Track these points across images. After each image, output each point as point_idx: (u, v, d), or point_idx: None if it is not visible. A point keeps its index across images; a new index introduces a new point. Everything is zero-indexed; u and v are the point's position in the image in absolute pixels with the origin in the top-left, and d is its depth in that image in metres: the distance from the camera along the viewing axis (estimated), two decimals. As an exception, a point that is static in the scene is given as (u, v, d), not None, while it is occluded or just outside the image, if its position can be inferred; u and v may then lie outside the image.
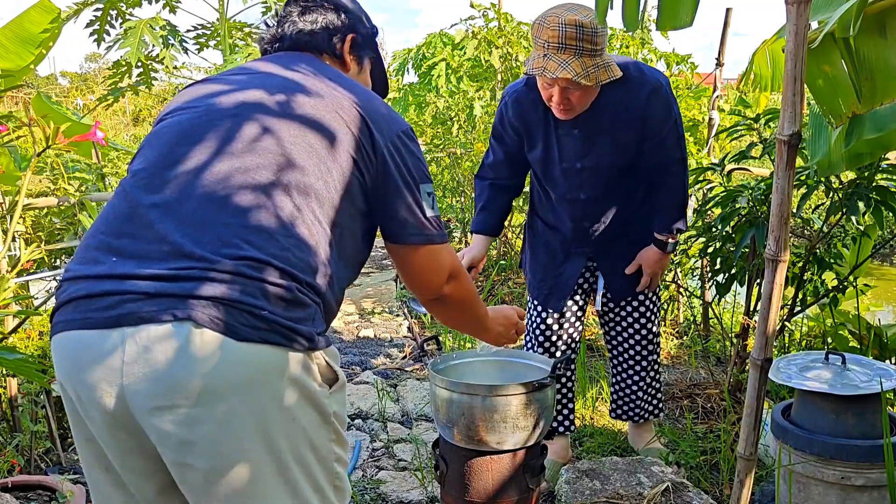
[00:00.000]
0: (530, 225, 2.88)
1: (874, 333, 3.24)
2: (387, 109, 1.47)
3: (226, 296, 1.16)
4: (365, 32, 1.67)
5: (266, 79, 1.44)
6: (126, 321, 1.16)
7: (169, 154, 1.32)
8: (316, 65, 1.52)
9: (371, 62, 1.72)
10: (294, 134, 1.33)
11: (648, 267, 2.75)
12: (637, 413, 2.96)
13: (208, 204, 1.25)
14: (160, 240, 1.22)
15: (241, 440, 1.18)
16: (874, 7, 1.91)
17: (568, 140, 2.51)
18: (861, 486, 2.05)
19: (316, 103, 1.38)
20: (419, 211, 1.44)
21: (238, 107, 1.36)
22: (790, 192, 1.57)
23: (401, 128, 1.45)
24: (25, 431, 2.86)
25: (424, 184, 1.46)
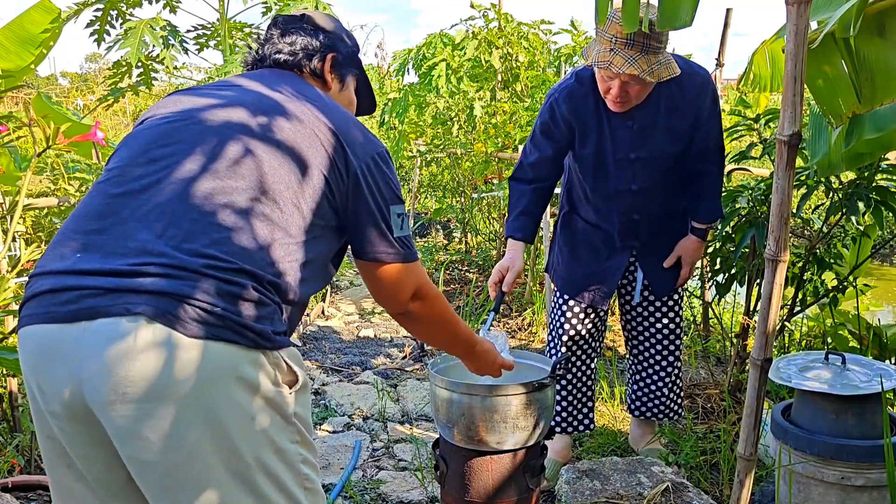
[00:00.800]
0: (566, 224, 2.85)
1: (874, 333, 3.24)
2: (363, 133, 1.51)
3: (179, 292, 1.18)
4: (346, 51, 1.72)
5: (250, 97, 1.47)
6: (84, 315, 1.18)
7: (144, 153, 1.36)
8: (298, 85, 1.56)
9: (355, 79, 1.78)
10: (273, 158, 1.37)
11: (690, 257, 2.76)
12: (661, 410, 2.94)
13: (176, 202, 1.28)
14: (124, 235, 1.25)
15: (192, 438, 1.19)
16: (874, 7, 1.91)
17: (622, 132, 2.53)
18: (861, 486, 2.05)
19: (294, 128, 1.42)
20: (387, 230, 1.49)
21: (223, 125, 1.39)
22: (790, 192, 1.57)
23: (375, 150, 1.50)
24: (25, 431, 2.86)
25: (395, 205, 1.51)
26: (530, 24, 6.11)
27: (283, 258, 1.33)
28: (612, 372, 3.95)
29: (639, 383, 2.97)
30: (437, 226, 8.80)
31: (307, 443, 1.37)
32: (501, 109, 5.84)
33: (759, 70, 3.31)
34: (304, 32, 1.68)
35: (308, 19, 1.72)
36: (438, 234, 8.74)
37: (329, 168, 1.42)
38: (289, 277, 1.34)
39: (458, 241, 7.41)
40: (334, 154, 1.43)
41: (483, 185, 6.57)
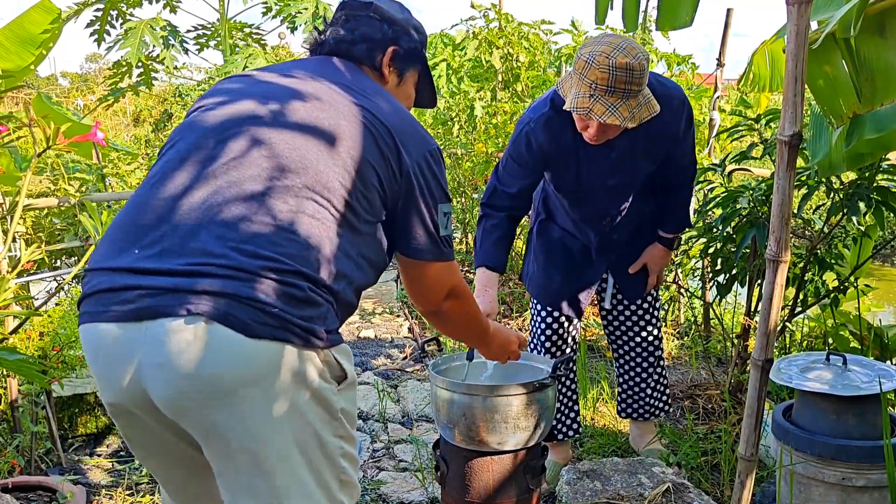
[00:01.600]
0: (542, 232, 2.83)
1: (875, 334, 3.23)
2: (416, 128, 1.49)
3: (239, 292, 1.21)
4: (409, 46, 1.66)
5: (259, 88, 1.46)
6: (144, 315, 1.22)
7: (196, 148, 1.38)
8: (349, 77, 1.53)
9: (417, 73, 1.72)
10: (328, 158, 1.36)
11: (656, 265, 2.78)
12: (647, 410, 2.96)
13: (232, 203, 1.29)
14: (182, 234, 1.26)
15: (249, 431, 1.24)
16: (874, 7, 1.91)
17: (601, 160, 2.47)
18: (862, 486, 2.05)
19: (313, 107, 1.40)
20: (434, 230, 1.49)
21: (228, 121, 1.40)
22: (791, 192, 1.57)
23: (428, 148, 1.48)
24: (26, 432, 2.86)
25: (443, 203, 1.51)
26: (531, 24, 6.10)
27: (337, 258, 1.34)
28: (612, 372, 3.95)
29: (623, 386, 2.99)
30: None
31: (349, 437, 1.40)
32: (502, 110, 5.84)
33: (759, 70, 3.31)
34: (370, 20, 1.62)
35: (375, 8, 1.64)
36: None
37: (382, 164, 1.41)
38: (342, 276, 1.35)
39: (459, 241, 7.40)
40: (388, 150, 1.42)
41: (483, 186, 6.57)
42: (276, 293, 1.23)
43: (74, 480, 2.72)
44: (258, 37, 4.52)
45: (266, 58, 3.88)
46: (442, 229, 1.50)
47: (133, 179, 5.15)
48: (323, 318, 1.30)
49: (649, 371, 2.93)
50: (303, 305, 1.26)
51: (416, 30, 1.70)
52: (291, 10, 3.93)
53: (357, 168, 1.38)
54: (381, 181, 1.41)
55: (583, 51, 2.19)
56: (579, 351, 3.01)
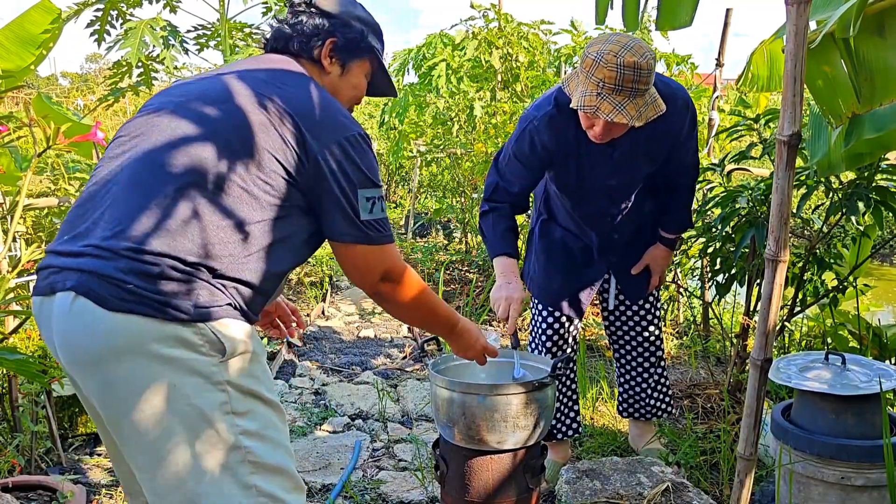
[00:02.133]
0: (544, 232, 2.83)
1: (874, 333, 3.24)
2: (332, 117, 1.54)
3: (99, 269, 1.35)
4: (349, 36, 1.71)
5: (180, 89, 1.58)
6: (47, 290, 1.41)
7: (115, 147, 1.54)
8: (278, 71, 1.60)
9: (367, 63, 1.77)
10: (207, 145, 1.44)
11: (659, 266, 2.79)
12: (648, 410, 2.97)
13: (124, 192, 1.43)
14: (88, 220, 1.43)
15: (122, 399, 1.36)
16: (873, 7, 1.91)
17: (603, 159, 2.47)
18: (861, 486, 2.05)
19: (211, 101, 1.50)
20: (353, 214, 1.53)
21: (171, 121, 1.50)
22: (790, 192, 1.57)
23: (344, 134, 1.52)
24: (26, 431, 2.87)
25: (365, 188, 1.54)
26: (530, 24, 6.11)
27: (221, 240, 1.41)
28: (612, 372, 3.95)
29: (624, 385, 3.00)
30: (437, 226, 8.80)
31: (251, 413, 1.43)
32: (501, 110, 5.84)
33: (758, 70, 3.31)
34: (311, 15, 1.70)
35: (314, 4, 1.72)
36: (438, 234, 8.74)
37: (282, 150, 1.46)
38: (229, 257, 1.42)
39: (459, 242, 7.40)
40: (290, 137, 1.47)
41: (482, 185, 6.56)
42: (132, 270, 1.34)
43: (74, 480, 2.72)
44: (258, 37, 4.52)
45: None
46: (364, 213, 1.53)
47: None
48: (188, 294, 1.36)
49: (650, 371, 2.93)
50: (158, 281, 1.35)
51: (361, 20, 1.75)
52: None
53: (251, 155, 1.45)
54: (286, 167, 1.47)
55: (590, 49, 2.19)
56: (579, 350, 3.01)
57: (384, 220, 1.58)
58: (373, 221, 1.55)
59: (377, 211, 1.56)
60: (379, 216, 1.56)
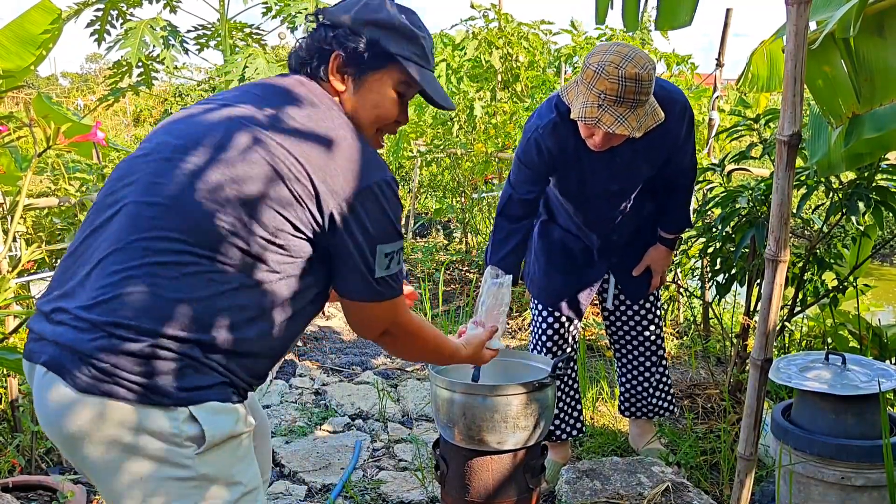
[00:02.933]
0: (544, 233, 2.83)
1: (874, 334, 3.24)
2: (350, 162, 1.35)
3: (74, 345, 1.21)
4: (354, 47, 1.46)
5: (177, 126, 1.39)
6: (29, 357, 1.30)
7: (108, 192, 1.38)
8: (289, 104, 1.40)
9: (393, 76, 1.50)
10: (209, 205, 1.27)
11: (659, 266, 2.80)
12: (650, 409, 2.97)
13: (108, 253, 1.28)
14: (74, 282, 1.29)
15: (97, 478, 1.27)
16: (873, 8, 1.91)
17: (604, 165, 2.48)
18: (861, 486, 2.05)
19: (205, 151, 1.31)
20: (367, 272, 1.37)
21: (172, 167, 1.32)
22: (790, 192, 1.57)
23: (363, 185, 1.34)
24: (26, 431, 2.86)
25: (384, 243, 1.37)
26: (530, 24, 6.11)
27: (219, 310, 1.26)
28: (612, 372, 3.95)
29: (626, 385, 3.00)
30: (438, 226, 8.80)
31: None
32: (501, 109, 5.84)
33: (758, 70, 3.31)
34: (323, 27, 1.49)
35: (326, 13, 1.50)
36: (438, 234, 8.73)
37: (291, 207, 1.30)
38: (227, 328, 1.26)
39: (459, 241, 7.40)
40: (301, 192, 1.30)
41: (483, 185, 6.57)
42: (110, 349, 1.19)
43: (75, 479, 2.71)
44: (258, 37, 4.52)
45: (266, 58, 3.88)
46: (379, 270, 1.37)
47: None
48: (173, 374, 1.21)
49: (652, 370, 2.93)
50: (138, 360, 1.20)
51: (378, 24, 1.47)
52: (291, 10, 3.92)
53: (254, 214, 1.27)
54: (296, 225, 1.31)
55: (591, 60, 2.20)
56: (579, 350, 3.01)
57: (398, 274, 1.43)
58: (387, 278, 1.40)
59: (394, 265, 1.40)
60: (394, 270, 1.41)
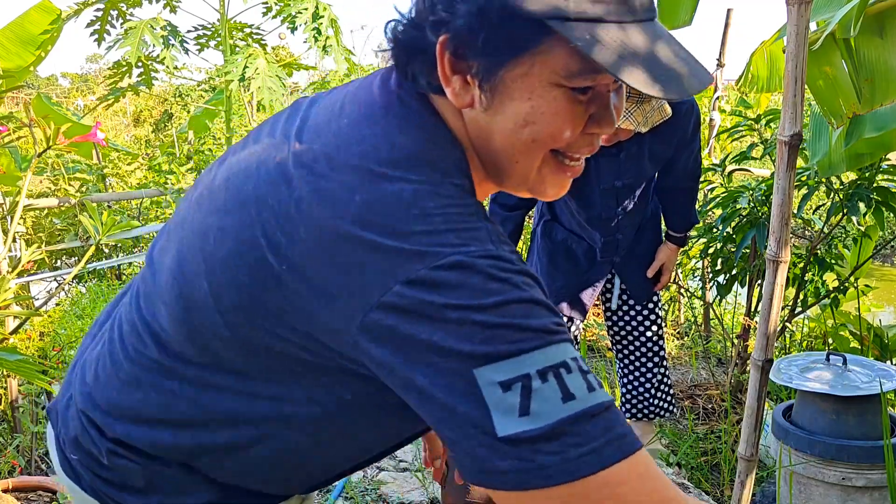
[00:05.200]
0: (546, 233, 2.83)
1: (875, 334, 3.23)
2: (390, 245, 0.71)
3: (64, 430, 0.98)
4: (478, 18, 0.75)
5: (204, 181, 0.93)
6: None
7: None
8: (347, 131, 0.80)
9: (556, 61, 0.76)
10: (185, 277, 0.86)
11: (670, 264, 2.81)
12: (651, 411, 2.96)
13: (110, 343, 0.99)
14: (98, 341, 1.05)
15: None
16: (874, 8, 1.91)
17: (608, 161, 2.50)
18: (862, 486, 2.05)
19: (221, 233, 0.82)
20: (478, 429, 0.68)
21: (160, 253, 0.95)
22: (791, 192, 1.57)
23: (409, 276, 0.70)
24: (26, 432, 2.86)
25: (487, 363, 0.68)
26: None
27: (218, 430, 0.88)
28: (612, 373, 3.95)
29: (627, 386, 3.00)
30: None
31: None
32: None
33: (758, 71, 3.31)
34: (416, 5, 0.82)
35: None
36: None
37: (279, 335, 0.79)
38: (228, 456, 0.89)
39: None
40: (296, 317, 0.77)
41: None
42: (76, 439, 0.95)
43: (74, 480, 2.71)
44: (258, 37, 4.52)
45: (266, 58, 3.88)
46: (505, 422, 0.67)
47: (133, 179, 5.15)
48: (143, 491, 0.91)
49: (653, 371, 2.93)
50: (108, 470, 0.92)
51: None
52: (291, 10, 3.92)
53: (258, 311, 0.78)
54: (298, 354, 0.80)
55: None
56: (580, 351, 3.00)
57: (578, 420, 0.68)
58: (535, 437, 0.67)
59: (546, 398, 0.67)
60: (558, 417, 0.67)
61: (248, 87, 3.99)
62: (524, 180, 0.85)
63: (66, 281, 3.50)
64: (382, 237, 0.72)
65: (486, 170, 0.86)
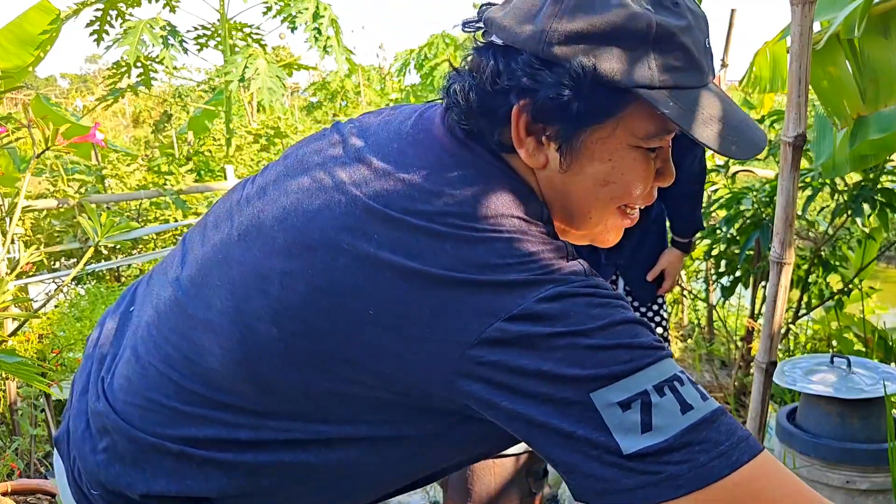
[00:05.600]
0: None
1: (879, 336, 3.22)
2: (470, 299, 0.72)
3: (80, 462, 0.91)
4: (559, 94, 0.76)
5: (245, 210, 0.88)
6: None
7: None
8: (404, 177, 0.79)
9: (637, 123, 0.81)
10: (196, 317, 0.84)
11: (674, 269, 2.78)
12: None
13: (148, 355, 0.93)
14: (122, 345, 0.99)
15: None
16: (878, 8, 1.90)
17: None
18: (866, 490, 2.03)
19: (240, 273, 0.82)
20: (600, 449, 0.69)
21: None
22: (795, 194, 1.56)
23: (498, 316, 0.71)
24: (25, 435, 2.85)
25: (603, 388, 0.69)
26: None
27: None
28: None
29: None
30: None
31: None
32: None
33: (761, 71, 3.30)
34: (483, 56, 0.83)
35: (492, 24, 0.83)
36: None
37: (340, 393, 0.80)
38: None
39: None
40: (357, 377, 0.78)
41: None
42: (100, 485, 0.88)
43: (73, 483, 2.70)
44: (258, 37, 4.52)
45: (266, 58, 3.87)
46: (628, 439, 0.68)
47: (132, 180, 5.14)
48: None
49: None
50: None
51: (594, 33, 0.76)
52: (291, 10, 3.92)
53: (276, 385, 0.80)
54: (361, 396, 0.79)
55: None
56: None
57: (700, 428, 0.69)
58: (661, 449, 0.68)
59: (666, 412, 0.69)
60: (675, 430, 0.69)
61: (248, 87, 3.98)
62: (592, 231, 0.92)
63: (65, 283, 3.49)
64: (478, 274, 0.72)
65: (556, 221, 0.88)
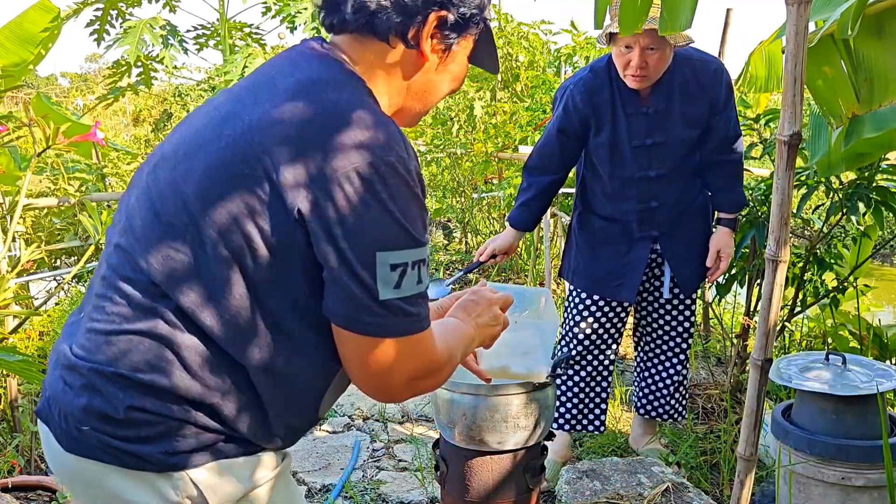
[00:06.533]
0: (583, 225, 2.82)
1: (874, 334, 3.24)
2: (329, 135, 0.99)
3: (61, 404, 1.08)
4: (464, 11, 1.18)
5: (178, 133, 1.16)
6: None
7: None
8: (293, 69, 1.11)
9: (472, 40, 1.25)
10: (140, 216, 1.09)
11: (726, 250, 2.71)
12: (667, 411, 2.94)
13: (95, 296, 1.13)
14: (88, 303, 1.16)
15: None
16: (873, 8, 1.91)
17: (637, 118, 2.56)
18: (861, 486, 2.05)
19: (172, 165, 1.09)
20: (363, 290, 0.98)
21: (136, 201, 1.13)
22: (790, 192, 1.57)
23: (351, 164, 0.97)
24: (25, 432, 2.86)
25: (386, 250, 0.98)
26: (530, 24, 6.12)
27: (197, 365, 1.04)
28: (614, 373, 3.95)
29: (647, 381, 2.96)
30: (438, 226, 8.81)
31: None
32: (501, 109, 5.85)
33: (756, 71, 3.31)
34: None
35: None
36: (438, 234, 8.75)
37: (256, 214, 1.00)
38: (207, 388, 1.04)
39: (459, 241, 7.41)
40: (260, 191, 0.99)
41: (483, 185, 6.57)
42: (87, 407, 1.04)
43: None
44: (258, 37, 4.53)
45: (266, 58, 3.88)
46: (385, 290, 0.98)
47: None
48: (161, 438, 1.03)
49: (678, 368, 2.90)
50: (118, 424, 1.03)
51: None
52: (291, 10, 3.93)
53: (221, 235, 1.01)
54: (267, 238, 1.00)
55: None
56: (617, 350, 2.94)
57: (419, 298, 1.03)
58: (400, 302, 1.00)
59: (410, 283, 1.01)
60: (413, 291, 1.01)
61: (248, 86, 3.98)
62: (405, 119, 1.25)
63: (66, 280, 3.50)
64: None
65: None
